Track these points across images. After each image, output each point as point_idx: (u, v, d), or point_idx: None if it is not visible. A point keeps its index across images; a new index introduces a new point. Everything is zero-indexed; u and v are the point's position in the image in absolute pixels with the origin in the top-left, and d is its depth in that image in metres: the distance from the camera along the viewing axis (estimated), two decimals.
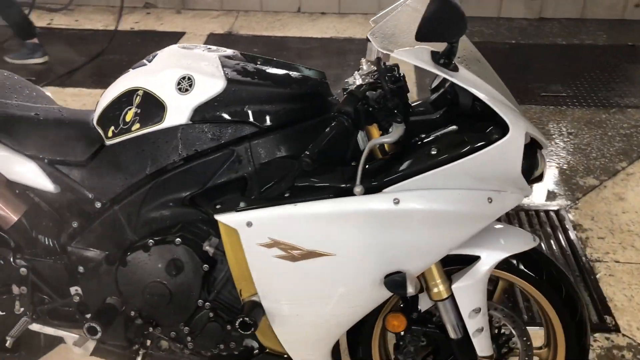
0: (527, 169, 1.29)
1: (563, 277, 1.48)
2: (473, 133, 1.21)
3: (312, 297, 1.30)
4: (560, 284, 1.46)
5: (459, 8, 1.07)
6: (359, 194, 1.18)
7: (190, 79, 1.29)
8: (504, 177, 1.24)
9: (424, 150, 1.22)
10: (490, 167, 1.21)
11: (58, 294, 1.48)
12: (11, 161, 1.40)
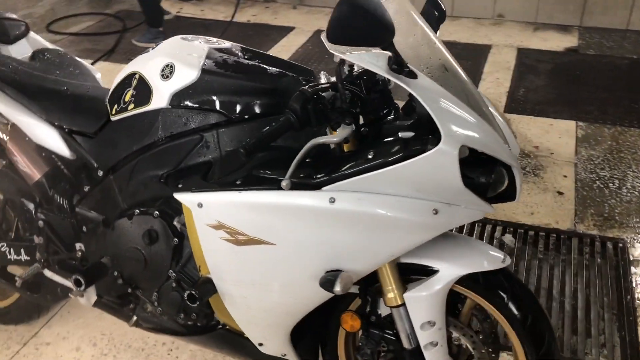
0: (481, 184, 1.25)
1: (531, 305, 1.40)
2: (413, 141, 1.20)
3: (255, 282, 1.37)
4: (527, 311, 1.38)
5: (375, 12, 1.06)
6: (285, 188, 1.23)
7: (172, 66, 1.41)
8: (446, 190, 1.21)
9: (363, 153, 1.23)
10: (425, 177, 1.19)
11: (66, 247, 1.68)
12: (38, 127, 1.61)
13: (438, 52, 1.35)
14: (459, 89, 1.30)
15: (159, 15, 4.38)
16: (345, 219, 1.24)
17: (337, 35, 1.08)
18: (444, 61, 1.33)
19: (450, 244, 1.42)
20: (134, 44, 4.35)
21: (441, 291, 1.37)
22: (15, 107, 1.61)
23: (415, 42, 1.33)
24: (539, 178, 2.79)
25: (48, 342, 2.00)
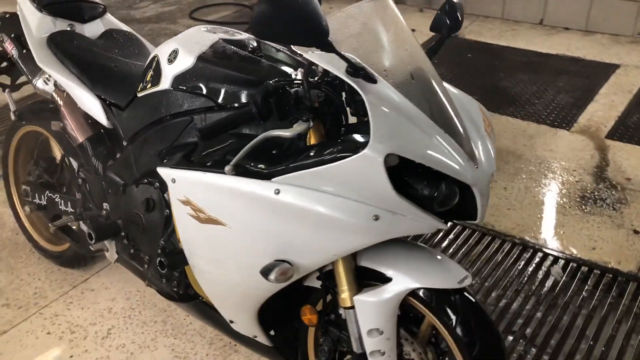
0: (423, 196, 1.22)
1: (484, 332, 1.33)
2: (349, 143, 1.20)
3: (216, 260, 1.45)
4: (476, 338, 1.32)
5: (301, 11, 1.07)
6: (228, 173, 1.29)
7: (176, 52, 1.54)
8: (383, 197, 1.20)
9: (309, 150, 1.26)
10: (357, 181, 1.19)
11: (96, 205, 1.90)
12: (85, 97, 1.84)
13: (411, 59, 1.33)
14: (425, 99, 1.27)
15: None
16: (289, 212, 1.28)
17: (259, 32, 1.12)
18: (413, 69, 1.31)
19: (414, 256, 1.39)
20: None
21: (392, 300, 1.35)
22: (70, 77, 1.85)
23: (389, 47, 1.32)
24: (617, 212, 2.54)
25: (93, 289, 2.26)
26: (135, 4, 5.47)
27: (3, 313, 2.15)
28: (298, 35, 1.11)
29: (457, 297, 1.34)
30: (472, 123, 1.40)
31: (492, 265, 2.29)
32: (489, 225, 2.50)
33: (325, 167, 1.20)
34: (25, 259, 2.42)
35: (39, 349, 2.00)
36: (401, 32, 1.36)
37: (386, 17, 1.36)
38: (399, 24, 1.37)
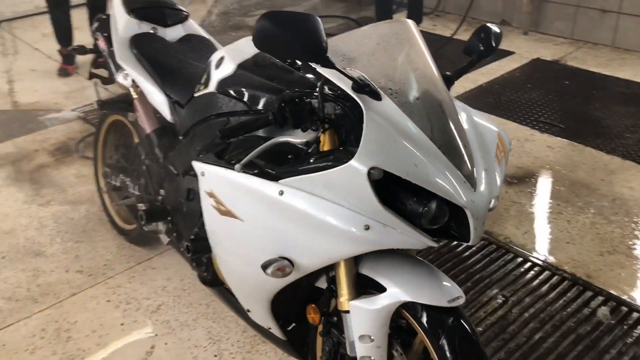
0: (411, 212, 1.27)
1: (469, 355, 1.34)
2: (342, 153, 1.27)
3: (231, 250, 1.57)
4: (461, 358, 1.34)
5: (299, 29, 1.16)
6: (237, 171, 1.41)
7: (222, 59, 1.69)
8: (372, 208, 1.26)
9: (313, 157, 1.34)
10: (346, 190, 1.26)
11: (155, 191, 2.11)
12: (155, 93, 2.05)
13: (420, 81, 1.37)
14: (427, 120, 1.32)
15: (389, 18, 4.69)
16: (290, 212, 1.37)
17: (261, 45, 1.22)
18: (420, 90, 1.36)
19: (412, 270, 1.44)
20: None
21: (383, 310, 1.40)
22: (144, 75, 2.08)
23: (400, 67, 1.38)
24: None
25: (154, 267, 2.48)
26: (251, 12, 5.81)
27: (76, 278, 2.43)
28: (297, 50, 1.21)
29: (447, 316, 1.37)
30: (482, 148, 1.42)
31: (534, 296, 2.24)
32: (541, 256, 2.44)
33: (318, 174, 1.29)
34: (104, 233, 2.70)
35: (97, 313, 2.25)
36: (416, 54, 1.42)
37: (402, 38, 1.43)
38: (415, 46, 1.43)
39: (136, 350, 2.08)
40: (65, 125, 3.76)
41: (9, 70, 4.64)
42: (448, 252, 2.48)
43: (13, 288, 2.39)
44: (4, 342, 2.14)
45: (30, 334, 2.16)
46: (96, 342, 2.12)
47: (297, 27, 1.19)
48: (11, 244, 2.66)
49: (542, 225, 2.63)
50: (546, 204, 2.76)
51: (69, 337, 2.14)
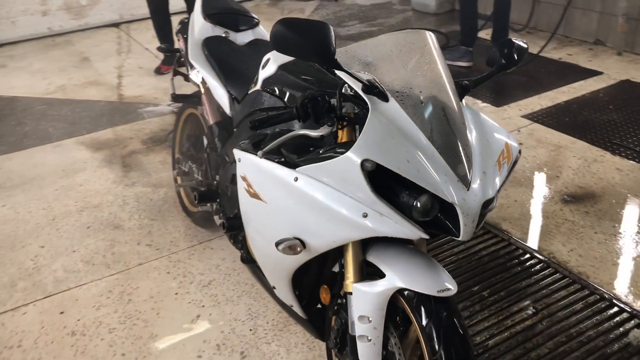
0: (403, 203, 1.40)
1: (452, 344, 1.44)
2: (345, 146, 1.41)
3: (257, 229, 1.76)
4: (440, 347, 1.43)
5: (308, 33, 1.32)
6: (258, 156, 1.59)
7: (268, 60, 1.89)
8: (368, 198, 1.40)
9: (325, 148, 1.50)
10: (346, 180, 1.40)
11: (212, 177, 2.35)
12: (219, 90, 2.30)
13: (427, 86, 1.49)
14: (428, 122, 1.44)
15: (473, 36, 4.71)
16: (303, 197, 1.54)
17: (277, 46, 1.40)
18: (425, 95, 1.48)
19: (412, 261, 1.55)
20: None
21: (381, 294, 1.53)
22: (211, 73, 2.33)
23: (408, 73, 1.50)
24: None
25: (212, 247, 2.74)
26: (344, 23, 6.03)
27: (145, 250, 2.74)
28: (307, 52, 1.38)
29: (436, 305, 1.47)
30: (485, 153, 1.50)
31: (567, 312, 2.24)
32: (583, 275, 2.42)
33: (323, 163, 1.45)
34: (176, 215, 3.00)
35: (156, 282, 2.53)
36: (426, 62, 1.54)
37: (415, 47, 1.55)
38: (427, 55, 1.55)
39: (184, 317, 2.32)
40: (160, 118, 4.16)
41: (120, 67, 5.16)
42: (489, 262, 2.53)
43: (92, 254, 2.74)
44: (77, 298, 2.46)
45: (98, 294, 2.48)
46: (151, 307, 2.39)
47: (309, 32, 1.35)
48: (97, 216, 3.02)
49: (590, 244, 2.60)
50: (600, 225, 2.72)
51: (130, 300, 2.43)
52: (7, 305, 2.44)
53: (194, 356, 2.14)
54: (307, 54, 1.39)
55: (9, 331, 2.30)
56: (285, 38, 1.37)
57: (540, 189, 3.03)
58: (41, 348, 2.21)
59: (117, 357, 2.15)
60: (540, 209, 2.87)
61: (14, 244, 2.83)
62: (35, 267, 2.66)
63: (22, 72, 5.14)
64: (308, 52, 1.38)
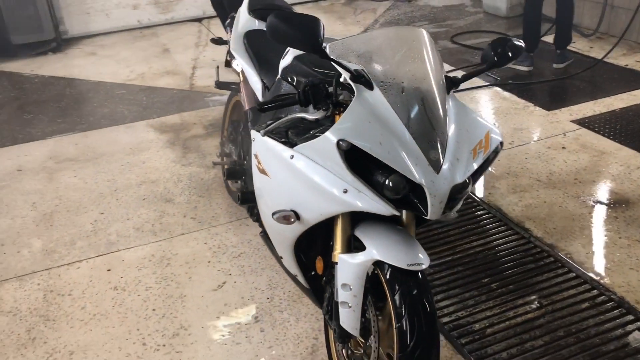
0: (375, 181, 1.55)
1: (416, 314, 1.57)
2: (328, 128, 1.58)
3: (264, 202, 1.95)
4: (404, 314, 1.57)
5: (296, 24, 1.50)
6: (260, 135, 1.79)
7: (287, 52, 2.08)
8: (343, 174, 1.56)
9: (314, 130, 1.67)
10: (326, 158, 1.57)
11: (243, 157, 2.57)
12: (254, 78, 2.52)
13: (410, 78, 1.63)
14: (407, 110, 1.58)
15: (535, 42, 4.68)
16: (298, 174, 1.72)
17: (272, 36, 1.59)
18: (407, 85, 1.61)
19: (392, 237, 1.69)
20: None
21: (361, 265, 1.69)
22: (248, 63, 2.56)
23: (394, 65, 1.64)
24: None
25: (248, 224, 2.97)
26: (414, 23, 6.12)
27: (188, 222, 3.02)
28: (299, 42, 1.56)
29: (406, 277, 1.62)
30: (461, 141, 1.62)
31: (572, 310, 2.29)
32: (596, 276, 2.45)
33: (310, 142, 1.63)
34: (221, 193, 3.26)
35: (193, 249, 2.79)
36: (414, 56, 1.67)
37: (406, 42, 1.70)
38: (416, 49, 1.68)
39: (211, 282, 2.57)
40: (223, 107, 4.46)
41: (196, 59, 5.54)
42: (504, 257, 2.60)
43: (143, 222, 3.05)
44: (123, 258, 2.77)
45: (142, 256, 2.77)
46: (185, 271, 2.65)
47: (299, 24, 1.54)
48: (153, 190, 3.34)
49: (611, 248, 2.61)
50: (627, 231, 2.71)
51: (168, 264, 2.71)
52: (65, 259, 2.79)
53: (214, 317, 2.38)
54: (297, 44, 1.57)
55: (63, 281, 2.64)
56: (278, 29, 1.56)
57: (573, 192, 3.04)
58: (87, 298, 2.53)
59: (149, 311, 2.43)
60: (568, 211, 2.89)
61: (79, 209, 3.19)
62: (93, 230, 3.00)
63: (110, 60, 5.63)
64: (298, 42, 1.56)
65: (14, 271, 2.72)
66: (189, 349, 2.23)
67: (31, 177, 3.57)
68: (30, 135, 4.16)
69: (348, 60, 1.68)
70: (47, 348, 2.27)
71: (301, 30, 1.55)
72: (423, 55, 1.70)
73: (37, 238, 2.96)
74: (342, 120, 1.56)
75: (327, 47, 1.75)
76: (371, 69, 1.64)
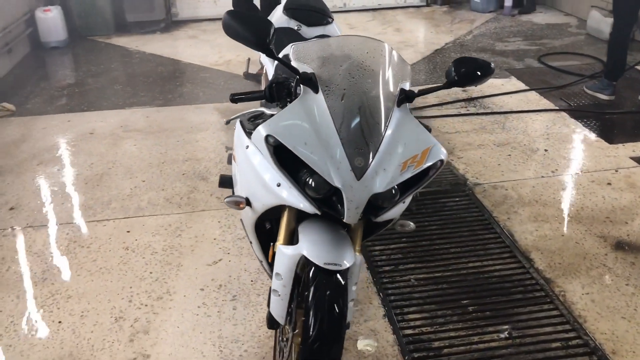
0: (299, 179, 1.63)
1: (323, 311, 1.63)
2: None
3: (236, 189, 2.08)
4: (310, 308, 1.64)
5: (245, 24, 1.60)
6: (225, 124, 1.91)
7: None
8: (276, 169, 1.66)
9: None
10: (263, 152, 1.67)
11: None
12: (270, 70, 2.65)
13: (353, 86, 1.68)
14: (341, 117, 1.63)
15: (619, 70, 4.40)
16: (249, 163, 1.83)
17: (227, 32, 1.70)
18: (347, 93, 1.66)
19: (325, 235, 1.75)
20: (583, 89, 4.57)
21: (291, 257, 1.77)
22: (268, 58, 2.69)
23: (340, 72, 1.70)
24: None
25: None
26: (505, 38, 5.94)
27: (212, 201, 3.23)
28: (247, 40, 1.67)
29: (323, 275, 1.67)
30: (394, 153, 1.64)
31: (540, 346, 2.20)
32: (581, 318, 2.32)
33: (253, 134, 1.73)
34: None
35: (206, 226, 3.00)
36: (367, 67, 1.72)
37: (360, 51, 1.75)
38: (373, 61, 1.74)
39: (209, 257, 2.75)
40: None
41: None
42: (494, 283, 2.54)
43: (174, 194, 3.30)
44: (144, 224, 3.04)
45: (161, 224, 3.02)
46: (191, 243, 2.86)
47: (249, 24, 1.65)
48: (194, 167, 3.59)
49: (612, 294, 2.45)
50: (637, 280, 2.53)
51: (179, 235, 2.94)
52: (96, 217, 3.11)
53: (198, 288, 2.56)
54: (247, 42, 1.69)
55: (87, 235, 2.95)
56: (230, 26, 1.69)
57: (598, 230, 2.87)
58: (100, 252, 2.81)
59: (146, 273, 2.66)
60: (582, 249, 2.74)
61: (125, 175, 3.52)
62: (129, 195, 3.30)
63: (206, 45, 6.03)
64: (248, 41, 1.68)
65: (54, 219, 3.08)
66: (166, 312, 2.42)
67: (99, 140, 3.97)
68: (112, 103, 4.61)
69: (305, 62, 1.77)
70: (52, 289, 2.57)
71: (251, 30, 1.66)
72: (375, 67, 1.75)
73: (82, 194, 3.31)
74: (276, 117, 1.65)
75: (292, 48, 1.86)
76: (320, 73, 1.72)
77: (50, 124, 4.22)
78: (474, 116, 4.18)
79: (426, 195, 3.20)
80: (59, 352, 2.23)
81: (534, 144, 3.74)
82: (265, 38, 1.65)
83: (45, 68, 5.52)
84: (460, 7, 7.15)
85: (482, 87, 4.58)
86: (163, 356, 2.21)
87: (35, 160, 3.70)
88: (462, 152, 3.67)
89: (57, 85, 5.01)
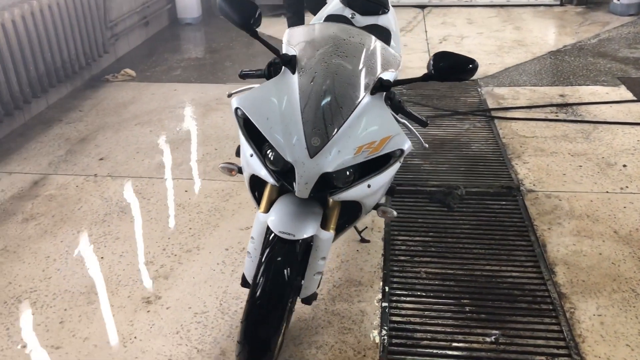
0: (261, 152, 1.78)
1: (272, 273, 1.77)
2: None
3: None
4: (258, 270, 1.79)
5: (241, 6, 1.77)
6: (228, 96, 2.09)
7: None
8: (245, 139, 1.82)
9: None
10: None
11: None
12: None
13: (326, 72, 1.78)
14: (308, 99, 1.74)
15: None
16: None
17: (222, 14, 1.87)
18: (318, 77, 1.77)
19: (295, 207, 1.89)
20: None
21: (262, 223, 1.94)
22: None
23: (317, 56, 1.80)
24: None
25: None
26: (635, 44, 5.47)
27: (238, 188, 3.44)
28: (235, 21, 1.84)
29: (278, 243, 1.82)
30: (352, 137, 1.72)
31: (525, 357, 2.14)
32: (580, 338, 2.20)
33: None
34: None
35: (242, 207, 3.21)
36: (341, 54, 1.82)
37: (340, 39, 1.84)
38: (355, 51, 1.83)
39: (243, 223, 2.98)
40: None
41: None
42: (504, 289, 2.48)
43: None
44: (202, 185, 3.34)
45: (215, 188, 3.31)
46: (234, 208, 3.12)
47: (238, 7, 1.82)
48: None
49: (626, 319, 2.28)
50: None
51: (227, 200, 3.20)
52: (165, 175, 3.47)
53: (223, 248, 2.80)
54: (235, 22, 1.86)
55: (152, 189, 3.32)
56: (222, 8, 1.87)
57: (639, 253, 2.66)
58: (156, 205, 3.16)
59: (186, 229, 2.95)
60: (615, 271, 2.56)
61: (203, 141, 3.86)
62: (199, 160, 3.63)
63: None
64: (234, 21, 1.85)
65: (133, 173, 3.50)
66: (189, 264, 2.69)
67: (193, 109, 4.37)
68: (217, 78, 5.02)
69: (293, 44, 1.90)
70: (106, 230, 2.96)
71: (238, 12, 1.83)
72: (352, 55, 1.83)
73: (161, 155, 3.71)
74: (250, 92, 1.81)
75: (287, 31, 2.00)
76: (301, 55, 1.84)
77: (159, 91, 4.72)
78: (560, 122, 3.97)
79: (472, 195, 3.15)
80: (90, 282, 2.59)
81: (613, 158, 3.48)
82: (249, 19, 1.82)
83: (173, 42, 6.11)
84: (596, 9, 6.66)
85: (581, 93, 4.34)
86: (171, 300, 2.48)
87: (135, 120, 4.19)
88: (530, 157, 3.53)
89: (178, 58, 5.54)
